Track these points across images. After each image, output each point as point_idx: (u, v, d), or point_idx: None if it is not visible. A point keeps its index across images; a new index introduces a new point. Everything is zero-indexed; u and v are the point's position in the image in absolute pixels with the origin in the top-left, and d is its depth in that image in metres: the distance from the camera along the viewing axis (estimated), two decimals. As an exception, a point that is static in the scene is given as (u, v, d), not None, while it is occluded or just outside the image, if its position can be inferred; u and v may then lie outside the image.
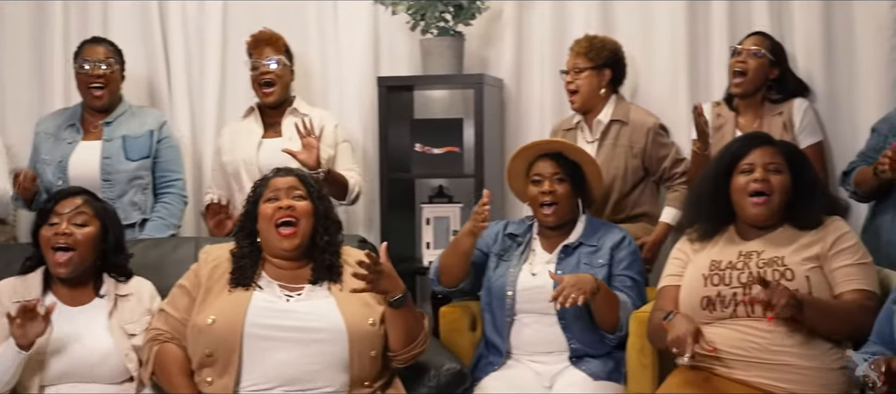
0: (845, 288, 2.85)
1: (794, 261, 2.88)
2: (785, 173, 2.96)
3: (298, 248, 3.00)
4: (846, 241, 2.91)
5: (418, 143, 4.28)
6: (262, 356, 2.86)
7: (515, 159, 3.46)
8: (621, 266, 3.32)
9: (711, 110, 3.92)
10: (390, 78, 4.36)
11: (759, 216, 2.96)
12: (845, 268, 2.87)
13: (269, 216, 3.00)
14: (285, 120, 4.06)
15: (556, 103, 4.29)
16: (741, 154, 3.01)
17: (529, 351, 3.31)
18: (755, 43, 3.82)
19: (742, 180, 2.98)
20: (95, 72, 3.94)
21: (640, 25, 4.24)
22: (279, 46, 4.07)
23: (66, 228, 3.00)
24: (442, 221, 4.26)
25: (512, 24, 4.39)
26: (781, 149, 3.02)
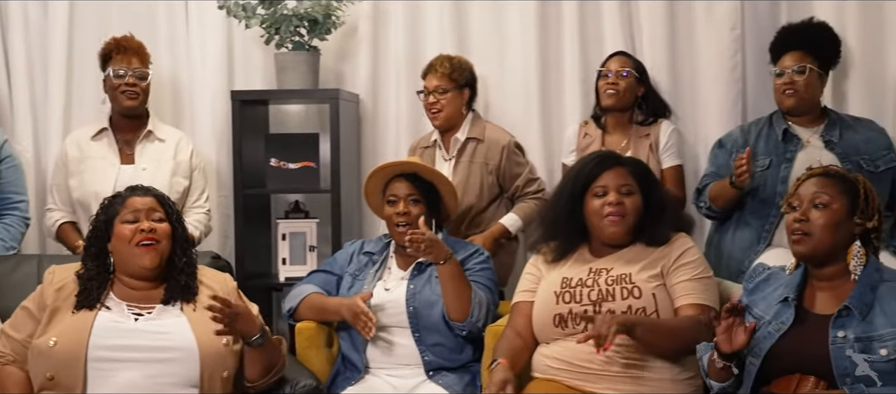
0: (683, 302, 2.94)
1: (641, 279, 2.95)
2: (637, 194, 3.03)
3: (158, 267, 2.92)
4: (688, 256, 3.00)
5: (274, 158, 4.23)
6: (107, 378, 2.78)
7: (371, 179, 3.47)
8: (471, 274, 3.36)
9: (579, 130, 4.02)
10: (245, 92, 4.30)
11: (615, 236, 3.03)
12: (684, 283, 2.96)
13: (128, 238, 2.90)
14: (139, 145, 3.93)
15: (413, 119, 4.32)
16: (594, 176, 3.06)
17: (386, 365, 3.31)
18: (622, 64, 3.93)
19: (597, 203, 3.03)
20: None
21: (493, 45, 4.30)
22: (146, 58, 3.96)
23: None
24: (298, 237, 4.22)
25: (367, 40, 4.40)
26: (631, 169, 3.08)
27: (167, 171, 3.88)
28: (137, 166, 3.87)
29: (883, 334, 2.47)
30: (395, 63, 4.37)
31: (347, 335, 3.37)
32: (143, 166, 3.86)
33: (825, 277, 2.62)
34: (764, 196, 3.58)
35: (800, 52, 3.61)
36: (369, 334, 3.21)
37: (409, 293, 3.32)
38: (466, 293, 3.25)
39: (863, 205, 2.59)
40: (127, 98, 3.88)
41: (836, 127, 3.63)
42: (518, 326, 3.09)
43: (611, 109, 3.93)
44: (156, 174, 3.83)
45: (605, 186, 3.02)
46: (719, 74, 4.07)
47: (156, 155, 3.92)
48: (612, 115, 3.95)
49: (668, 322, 2.89)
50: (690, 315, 2.89)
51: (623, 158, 3.16)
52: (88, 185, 3.85)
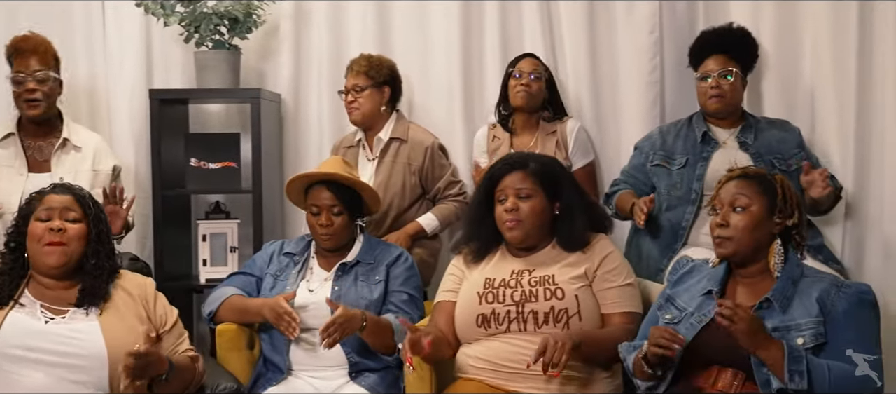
0: (612, 310, 2.98)
1: (564, 280, 2.98)
2: (537, 197, 3.04)
3: (64, 266, 2.86)
4: (612, 261, 3.04)
5: (194, 157, 4.18)
6: (14, 379, 2.71)
7: (290, 186, 3.44)
8: (397, 283, 3.36)
9: (488, 133, 4.04)
10: (163, 90, 4.24)
11: (514, 240, 3.06)
12: (612, 290, 3.00)
13: (39, 236, 2.85)
14: (55, 156, 3.78)
15: (335, 119, 4.30)
16: (497, 180, 3.08)
17: (309, 367, 3.29)
18: (533, 65, 3.96)
19: (498, 209, 3.07)
20: None
21: (416, 45, 4.30)
22: (47, 57, 3.76)
23: None
24: (219, 238, 4.17)
25: (289, 39, 4.37)
26: (534, 171, 3.07)
27: (85, 181, 3.68)
28: (54, 176, 3.71)
29: (801, 324, 2.53)
30: (318, 63, 4.35)
31: (269, 337, 3.34)
32: (59, 177, 3.70)
33: (748, 274, 2.68)
34: (680, 195, 3.65)
35: (723, 56, 3.69)
36: (293, 334, 3.18)
37: (333, 295, 3.29)
38: (388, 335, 3.23)
39: (781, 204, 2.65)
40: (28, 107, 3.71)
41: (751, 129, 3.71)
42: (440, 324, 3.10)
43: (521, 109, 3.95)
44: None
45: (505, 191, 3.05)
46: (638, 76, 4.13)
47: (73, 165, 3.78)
48: (520, 115, 3.97)
49: (606, 334, 2.92)
50: (621, 325, 2.94)
51: (530, 158, 3.14)
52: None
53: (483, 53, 4.26)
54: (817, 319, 2.52)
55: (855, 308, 2.55)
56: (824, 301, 2.56)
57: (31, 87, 3.71)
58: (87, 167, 3.80)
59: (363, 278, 3.34)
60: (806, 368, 2.41)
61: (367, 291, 3.32)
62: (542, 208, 3.04)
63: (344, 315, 3.07)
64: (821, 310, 2.54)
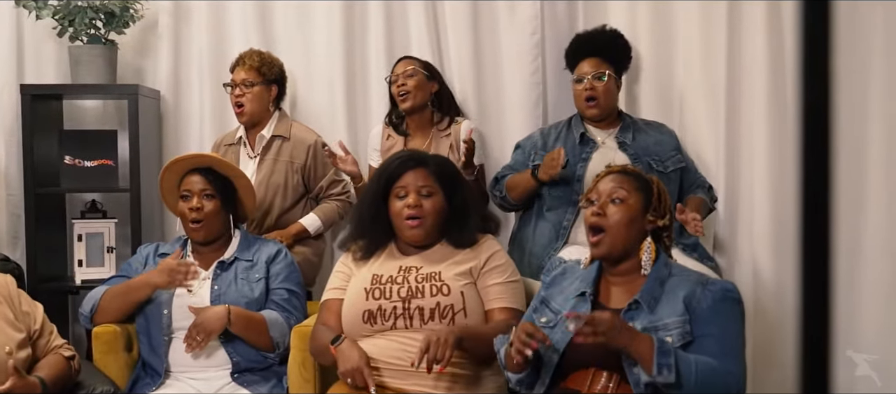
0: (495, 306, 3.02)
1: (450, 276, 3.01)
2: (438, 194, 3.07)
3: None
4: (497, 259, 3.08)
5: (68, 155, 4.07)
6: None
7: (166, 173, 3.38)
8: (278, 280, 3.34)
9: (383, 131, 4.04)
10: (36, 86, 4.12)
11: (416, 238, 3.07)
12: (495, 286, 3.04)
13: None
14: None
15: (216, 116, 4.24)
16: (396, 176, 3.08)
17: (189, 368, 3.24)
18: (406, 65, 3.96)
19: (398, 205, 3.06)
20: None
21: (298, 43, 4.27)
22: None
23: None
24: (95, 238, 4.07)
25: (168, 34, 4.28)
26: (434, 169, 3.11)
27: None
28: None
29: (668, 323, 2.59)
30: (198, 60, 4.28)
31: (147, 338, 3.27)
32: None
33: (619, 272, 2.73)
34: (560, 194, 3.71)
35: (596, 59, 3.76)
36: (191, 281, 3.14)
37: (213, 295, 3.26)
38: (262, 330, 3.21)
39: (656, 203, 2.71)
40: None
41: (629, 130, 3.80)
42: (329, 322, 3.08)
43: (410, 111, 3.96)
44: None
45: (406, 188, 3.06)
46: (521, 77, 4.17)
47: None
48: (412, 118, 3.99)
49: (487, 329, 2.94)
50: (503, 319, 2.97)
51: (428, 157, 3.18)
52: None
53: (366, 52, 4.25)
54: (683, 317, 2.59)
55: (719, 305, 2.61)
56: (690, 300, 2.61)
57: None
58: None
59: (243, 276, 3.31)
60: (675, 361, 2.47)
61: (247, 289, 3.29)
62: (442, 207, 3.07)
63: (202, 317, 3.07)
64: (686, 308, 2.60)
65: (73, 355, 2.95)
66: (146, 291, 3.24)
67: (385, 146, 4.00)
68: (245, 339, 3.19)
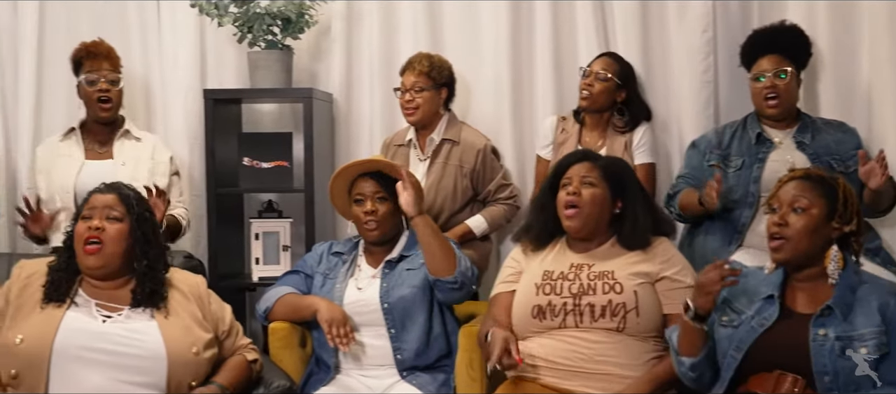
0: (676, 311, 2.93)
1: (624, 275, 2.98)
2: (600, 187, 3.05)
3: (102, 269, 2.86)
4: (676, 263, 3.04)
5: (247, 157, 4.22)
6: (71, 379, 2.72)
7: (336, 179, 3.46)
8: None
9: (556, 124, 4.02)
10: (217, 90, 4.28)
11: (571, 228, 3.06)
12: (677, 291, 2.98)
13: (80, 235, 2.87)
14: (118, 142, 3.92)
15: (386, 118, 4.31)
16: (563, 169, 3.11)
17: (359, 365, 3.31)
18: (603, 65, 3.92)
19: (561, 195, 3.08)
20: None
21: (467, 41, 4.30)
22: (117, 62, 3.94)
23: None
24: (271, 237, 4.20)
25: (341, 39, 4.38)
26: (602, 164, 3.11)
27: (145, 169, 3.87)
28: (116, 161, 3.86)
29: (864, 334, 2.49)
30: (369, 62, 4.36)
31: (319, 335, 3.35)
32: (122, 162, 3.85)
33: (803, 278, 2.65)
34: (736, 197, 3.61)
35: (776, 56, 3.63)
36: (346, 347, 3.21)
37: (382, 291, 3.32)
38: (447, 245, 3.27)
39: (841, 208, 2.61)
40: (101, 109, 3.87)
41: (808, 129, 3.65)
42: (498, 317, 3.09)
43: (584, 110, 3.94)
44: (135, 170, 3.83)
45: (570, 178, 3.07)
46: (692, 76, 4.08)
47: (134, 152, 3.91)
48: (589, 114, 3.96)
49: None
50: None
51: (599, 155, 3.19)
52: (54, 181, 3.84)
53: (533, 54, 4.25)
54: (880, 329, 2.49)
55: None
56: (885, 310, 2.52)
57: (103, 88, 3.86)
58: (146, 156, 3.92)
59: (407, 268, 3.36)
60: None
61: (412, 278, 3.33)
62: (602, 199, 3.05)
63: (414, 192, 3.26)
64: (882, 319, 2.50)
65: (256, 359, 3.05)
66: (310, 314, 3.32)
67: (558, 139, 3.98)
68: (430, 241, 3.24)
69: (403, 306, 3.29)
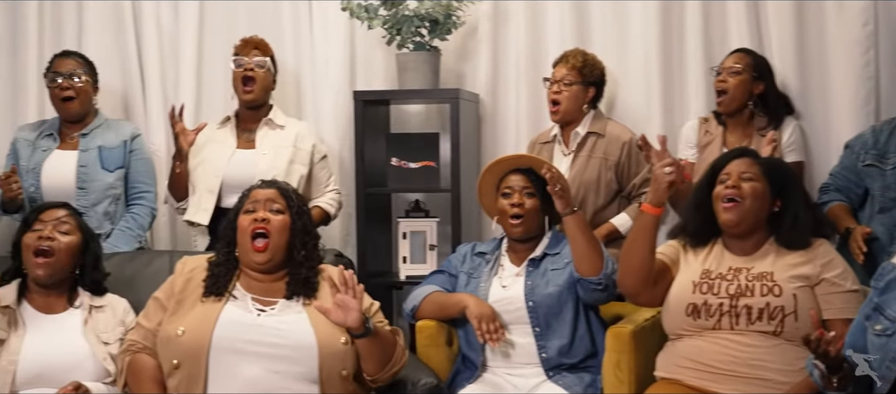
0: (837, 316, 2.88)
1: (783, 278, 2.91)
2: (760, 182, 2.99)
3: (270, 261, 2.99)
4: (837, 266, 2.95)
5: (394, 157, 4.27)
6: (229, 370, 2.84)
7: (486, 174, 3.48)
8: None
9: (698, 126, 3.96)
10: (366, 92, 4.35)
11: (730, 221, 2.99)
12: (838, 295, 2.91)
13: (245, 228, 2.99)
14: (260, 131, 4.04)
15: (532, 118, 4.31)
16: (722, 165, 3.06)
17: (505, 363, 3.31)
18: (736, 60, 3.85)
19: (718, 189, 3.03)
20: (65, 84, 3.93)
21: (614, 37, 4.27)
22: (266, 50, 4.07)
23: (50, 234, 3.03)
24: (418, 236, 4.25)
25: (487, 39, 4.40)
26: (762, 162, 3.06)
27: (285, 157, 3.96)
28: (258, 151, 3.98)
29: None
30: (516, 62, 4.37)
31: (465, 334, 3.38)
32: (263, 151, 3.97)
33: None
34: (895, 196, 3.46)
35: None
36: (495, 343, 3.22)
37: (527, 289, 3.32)
38: (596, 244, 3.25)
39: None
40: (244, 91, 3.99)
41: None
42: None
43: (723, 112, 3.86)
44: (275, 159, 3.93)
45: (729, 173, 3.02)
46: (850, 71, 3.95)
47: (275, 141, 4.01)
48: (729, 116, 3.88)
49: None
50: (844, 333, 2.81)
51: (758, 153, 3.14)
52: (207, 164, 3.98)
53: (683, 52, 4.18)
54: None
55: None
56: None
57: (249, 68, 3.99)
58: (288, 143, 4.00)
59: (552, 267, 3.35)
60: None
61: (557, 277, 3.32)
62: (762, 195, 2.99)
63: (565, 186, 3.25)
64: None
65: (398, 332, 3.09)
66: (458, 310, 3.34)
67: (702, 141, 3.92)
68: (578, 239, 3.22)
69: (548, 304, 3.29)
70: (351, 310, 2.84)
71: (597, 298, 3.28)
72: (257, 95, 4.02)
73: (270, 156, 3.95)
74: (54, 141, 3.98)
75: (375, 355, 2.94)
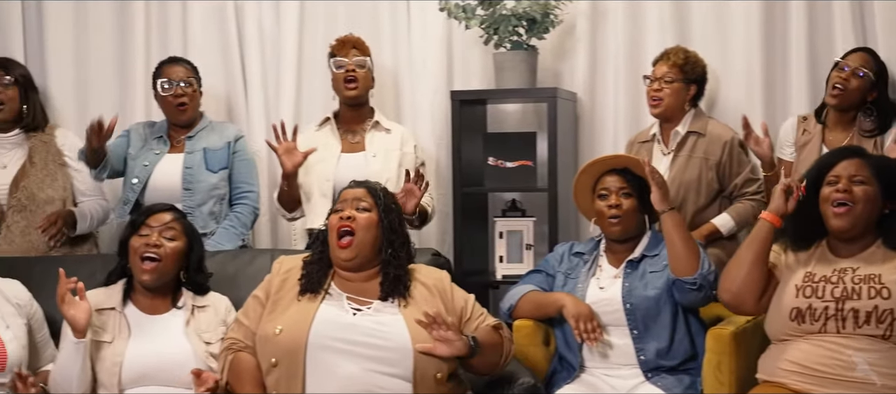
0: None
1: (891, 280, 2.84)
2: (872, 185, 2.92)
3: (355, 258, 3.01)
4: None
5: (491, 156, 4.28)
6: (326, 368, 2.87)
7: (582, 175, 3.46)
8: None
9: (797, 125, 3.89)
10: (464, 91, 4.37)
11: (841, 227, 2.92)
12: None
13: (333, 226, 3.03)
14: (368, 134, 4.07)
15: (631, 117, 4.28)
16: (829, 166, 2.98)
17: (603, 364, 3.30)
18: (861, 61, 3.74)
19: (827, 191, 2.95)
20: (179, 91, 4.02)
21: (715, 34, 4.21)
22: (364, 49, 4.11)
23: (156, 240, 3.09)
24: (515, 235, 4.26)
25: (585, 38, 4.38)
26: (872, 162, 2.98)
27: (395, 160, 4.00)
28: (368, 153, 4.02)
29: None
30: (614, 60, 4.34)
31: (562, 334, 3.37)
32: (372, 153, 4.01)
33: None
34: None
35: None
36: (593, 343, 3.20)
37: (624, 291, 3.29)
38: (693, 244, 3.21)
39: None
40: (346, 88, 4.03)
41: None
42: None
43: (834, 106, 3.76)
44: (385, 162, 3.97)
45: (838, 175, 2.94)
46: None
47: (384, 144, 4.05)
48: (834, 112, 3.77)
49: None
50: None
51: (868, 153, 3.06)
52: (311, 170, 4.01)
53: (787, 50, 4.11)
54: None
55: None
56: None
57: (350, 69, 4.02)
58: (396, 146, 4.04)
59: (651, 268, 3.31)
60: None
61: (655, 279, 3.28)
62: (874, 198, 2.91)
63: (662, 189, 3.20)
64: None
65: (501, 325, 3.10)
66: (555, 309, 3.33)
67: (799, 140, 3.84)
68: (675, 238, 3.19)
69: (646, 306, 3.26)
70: (452, 341, 2.86)
71: (692, 299, 3.23)
72: (361, 92, 4.06)
73: (381, 158, 3.98)
74: (165, 144, 4.08)
75: (486, 362, 2.97)
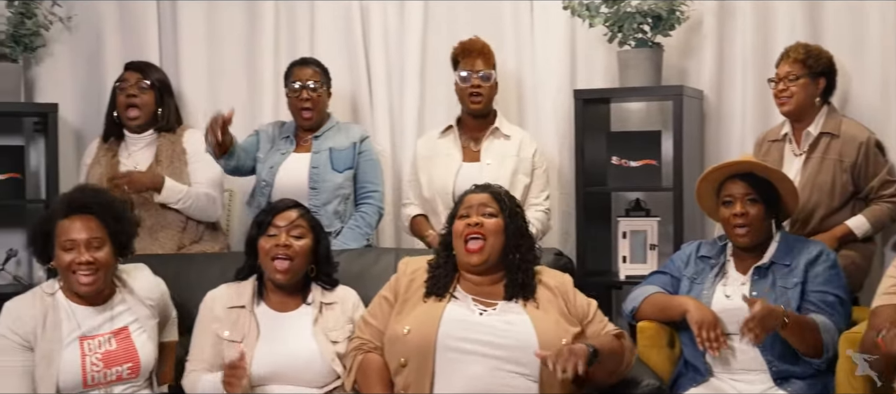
0: None
1: None
2: None
3: (484, 263, 3.02)
4: None
5: (615, 155, 4.25)
6: (454, 368, 2.90)
7: (703, 182, 3.38)
8: (817, 282, 3.20)
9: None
10: (587, 90, 4.34)
11: None
12: None
13: (460, 232, 3.05)
14: (486, 141, 4.09)
15: (760, 115, 4.19)
16: None
17: (729, 370, 3.23)
18: None
19: None
20: (305, 95, 4.10)
21: (849, 32, 4.09)
22: (490, 59, 4.10)
23: (286, 240, 3.15)
24: (638, 235, 4.21)
25: (712, 34, 4.31)
26: None
27: (509, 167, 4.00)
28: (482, 162, 4.03)
29: None
30: (742, 58, 4.26)
31: (689, 338, 3.31)
32: (487, 162, 4.02)
33: None
34: None
35: None
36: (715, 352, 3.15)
37: (752, 299, 3.21)
38: (814, 334, 3.10)
39: None
40: (471, 102, 4.04)
41: None
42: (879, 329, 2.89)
43: None
44: (499, 170, 3.97)
45: None
46: None
47: (500, 151, 4.05)
48: None
49: None
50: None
51: None
52: (434, 181, 4.06)
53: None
54: None
55: None
56: None
57: (476, 84, 4.03)
58: (512, 153, 4.04)
59: (781, 281, 3.23)
60: None
61: (784, 296, 3.19)
62: None
63: (763, 310, 2.98)
64: None
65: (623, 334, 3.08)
66: (679, 314, 3.27)
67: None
68: (791, 342, 3.09)
69: None
70: (569, 356, 2.78)
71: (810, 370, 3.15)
72: (485, 106, 4.08)
73: (494, 166, 3.99)
74: (291, 144, 4.16)
75: (605, 370, 2.94)
